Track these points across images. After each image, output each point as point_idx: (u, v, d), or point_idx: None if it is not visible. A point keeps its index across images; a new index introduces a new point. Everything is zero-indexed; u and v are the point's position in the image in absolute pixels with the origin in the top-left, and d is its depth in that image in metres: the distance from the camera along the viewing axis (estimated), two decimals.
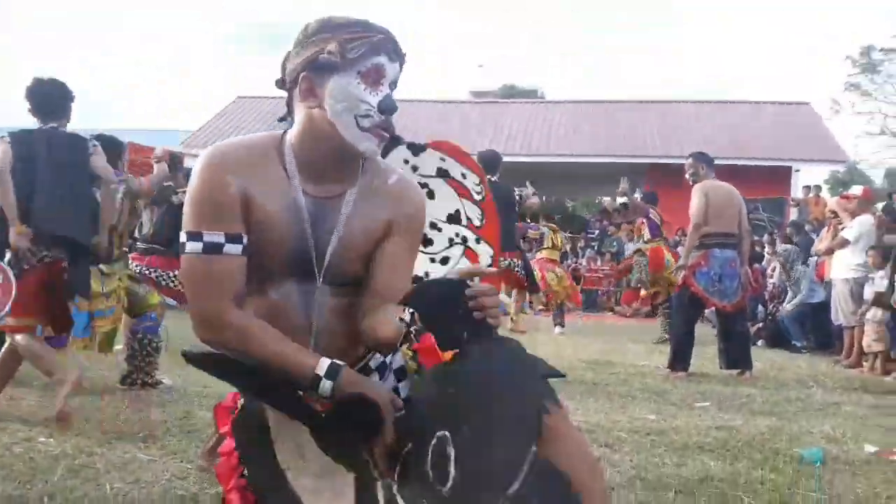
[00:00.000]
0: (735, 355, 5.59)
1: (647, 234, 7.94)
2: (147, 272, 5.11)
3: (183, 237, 1.40)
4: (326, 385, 1.33)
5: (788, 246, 8.72)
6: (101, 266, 3.99)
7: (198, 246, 1.38)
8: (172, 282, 5.23)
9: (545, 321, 9.14)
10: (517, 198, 6.77)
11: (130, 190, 4.21)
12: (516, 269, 6.18)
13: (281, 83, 1.53)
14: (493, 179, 5.66)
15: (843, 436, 3.64)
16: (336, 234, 1.46)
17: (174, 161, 5.67)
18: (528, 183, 7.55)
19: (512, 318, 7.85)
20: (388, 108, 1.43)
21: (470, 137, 16.99)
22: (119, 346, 4.56)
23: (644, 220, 7.99)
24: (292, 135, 1.48)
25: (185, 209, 1.42)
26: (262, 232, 1.42)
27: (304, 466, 1.37)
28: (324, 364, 1.34)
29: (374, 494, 1.29)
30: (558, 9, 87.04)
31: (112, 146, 4.30)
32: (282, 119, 1.57)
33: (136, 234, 5.34)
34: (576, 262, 14.71)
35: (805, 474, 2.92)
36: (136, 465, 2.72)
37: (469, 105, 20.50)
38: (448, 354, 1.25)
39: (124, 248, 4.72)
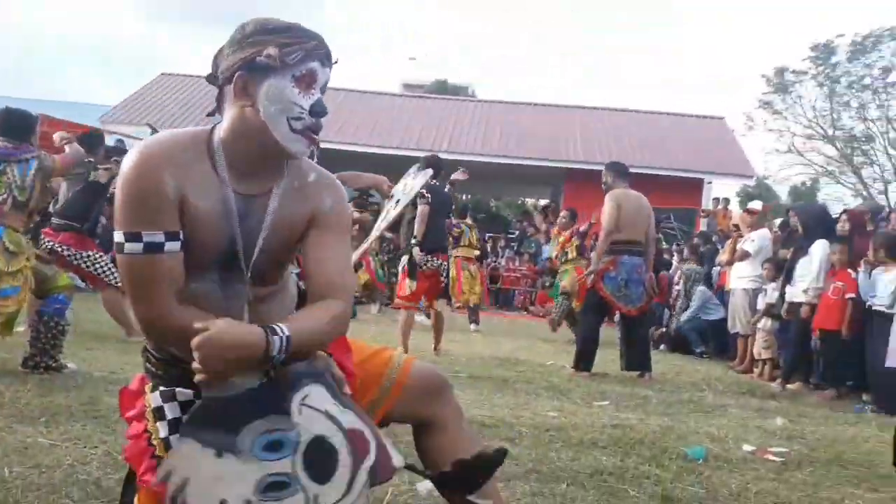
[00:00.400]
0: (636, 358, 5.90)
1: (572, 252, 8.17)
2: (59, 249, 4.98)
3: (120, 237, 1.42)
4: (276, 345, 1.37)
5: (692, 266, 9.11)
6: (7, 243, 3.87)
7: (138, 247, 1.40)
8: (85, 262, 5.12)
9: (461, 319, 9.31)
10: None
11: (43, 167, 4.08)
12: (443, 271, 6.20)
13: (212, 79, 1.56)
14: (434, 183, 5.86)
15: (726, 436, 3.92)
16: (263, 231, 1.52)
17: (94, 138, 5.53)
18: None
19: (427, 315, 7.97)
20: (319, 111, 1.50)
21: (398, 130, 17.07)
22: (21, 328, 4.43)
23: (571, 235, 8.24)
24: (222, 130, 1.52)
25: (119, 207, 1.43)
26: (193, 229, 1.46)
27: None
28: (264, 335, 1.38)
29: None
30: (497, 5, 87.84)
31: (23, 119, 4.16)
32: (210, 114, 1.60)
33: (51, 209, 5.21)
34: (495, 262, 14.98)
35: (687, 470, 3.16)
36: (37, 450, 2.68)
37: (400, 98, 20.48)
38: None
39: (32, 226, 4.59)
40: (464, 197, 27.98)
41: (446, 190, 6.59)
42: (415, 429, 1.81)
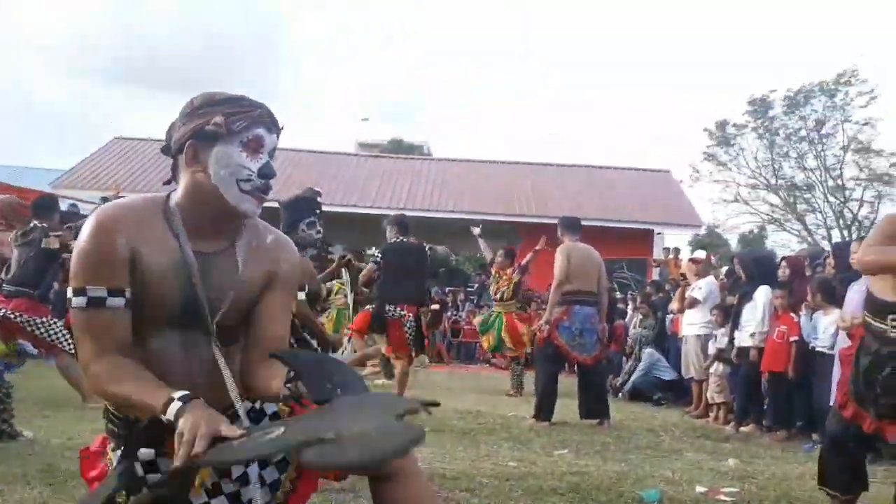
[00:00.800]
0: (593, 406, 6.03)
1: (508, 293, 8.29)
2: (11, 316, 4.94)
3: (70, 293, 1.51)
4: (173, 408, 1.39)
5: (639, 330, 9.29)
6: None
7: (82, 301, 1.49)
8: (38, 328, 5.07)
9: (425, 374, 9.34)
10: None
11: None
12: (406, 323, 6.14)
13: (167, 150, 1.67)
14: (404, 240, 6.06)
15: (681, 478, 4.04)
16: (220, 288, 1.60)
17: (47, 204, 5.53)
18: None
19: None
20: (267, 173, 1.61)
21: (356, 189, 17.26)
22: None
23: (513, 271, 8.33)
24: (177, 197, 1.62)
25: (73, 267, 1.52)
26: (148, 285, 1.54)
27: None
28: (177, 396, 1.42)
29: None
30: (449, 68, 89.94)
31: None
32: (167, 182, 1.71)
33: (3, 276, 5.17)
34: (456, 315, 15.08)
35: None
36: None
37: (356, 158, 20.76)
38: None
39: None
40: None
41: (429, 247, 6.78)
42: (372, 481, 1.87)
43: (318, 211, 4.00)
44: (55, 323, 5.18)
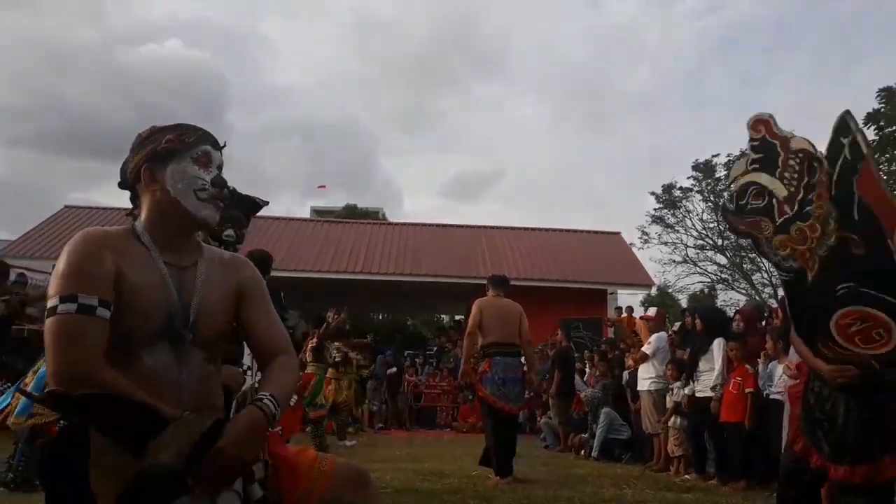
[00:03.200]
0: (499, 459, 5.92)
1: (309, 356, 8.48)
2: None
3: (55, 301, 1.53)
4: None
5: (591, 390, 9.38)
6: None
7: (72, 307, 1.52)
8: None
9: (382, 438, 9.23)
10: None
11: None
12: None
13: (124, 185, 1.79)
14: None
15: None
16: (196, 297, 1.70)
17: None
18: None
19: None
20: (219, 182, 1.76)
21: (311, 254, 17.27)
22: None
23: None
24: (142, 220, 1.73)
25: (58, 275, 1.56)
26: (134, 301, 1.60)
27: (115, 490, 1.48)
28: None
29: None
30: (395, 135, 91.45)
31: None
32: (129, 214, 1.81)
33: None
34: (416, 378, 15.00)
35: None
36: None
37: (311, 223, 20.83)
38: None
39: None
40: (380, 317, 28.09)
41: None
42: None
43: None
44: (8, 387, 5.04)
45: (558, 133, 79.52)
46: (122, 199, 1.82)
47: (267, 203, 3.36)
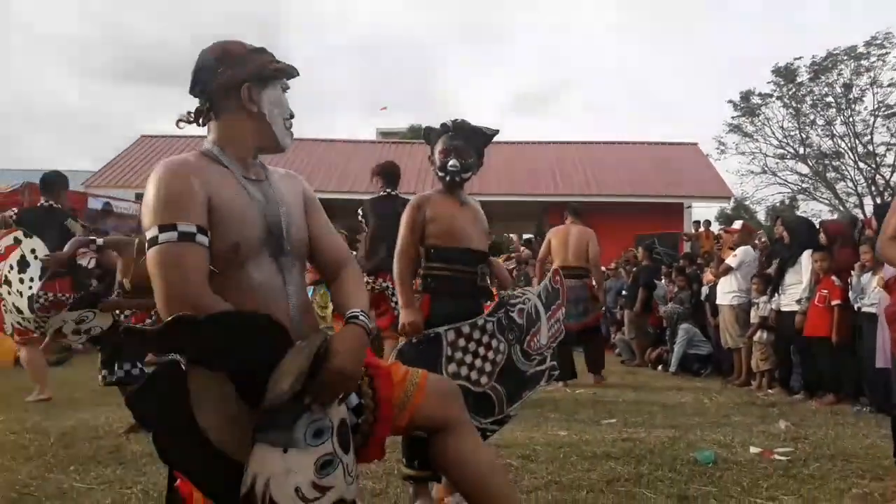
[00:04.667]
0: (592, 362, 6.93)
1: None
2: None
3: (153, 231, 1.55)
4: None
5: (671, 305, 9.16)
6: None
7: (173, 235, 1.54)
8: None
9: None
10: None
11: None
12: (390, 294, 5.67)
13: (200, 93, 1.74)
14: (392, 192, 5.43)
15: (732, 441, 4.05)
16: (283, 207, 1.76)
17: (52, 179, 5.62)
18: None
19: None
20: (293, 114, 1.83)
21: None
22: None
23: None
24: (215, 139, 1.73)
25: (153, 205, 1.57)
26: (232, 218, 1.63)
27: (227, 421, 1.50)
28: None
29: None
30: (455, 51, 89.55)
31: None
32: (185, 122, 1.78)
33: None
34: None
35: (698, 473, 3.28)
36: (74, 494, 2.77)
37: (377, 145, 20.81)
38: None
39: None
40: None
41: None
42: (431, 436, 1.94)
43: None
44: None
45: (627, 42, 76.29)
46: (194, 128, 1.79)
47: (497, 132, 3.25)
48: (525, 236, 21.61)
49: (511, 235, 8.41)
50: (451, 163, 3.01)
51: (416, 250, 2.98)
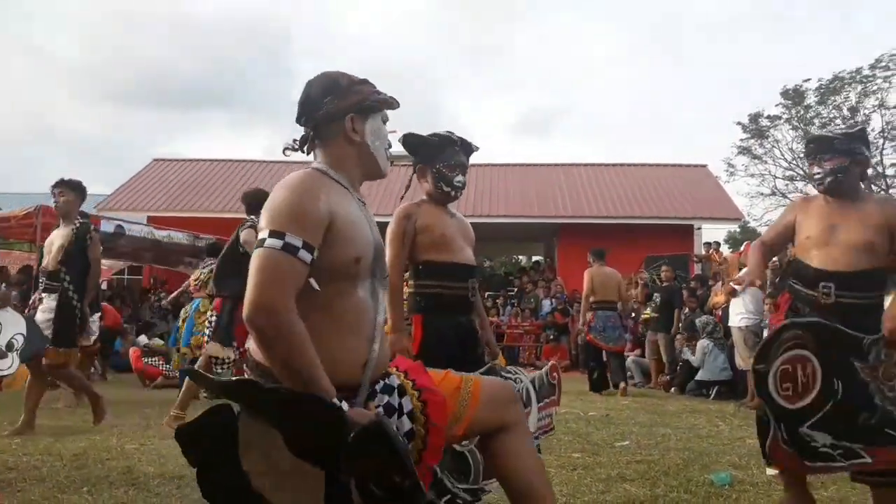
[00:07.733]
0: (615, 376, 8.41)
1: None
2: None
3: (264, 234, 1.60)
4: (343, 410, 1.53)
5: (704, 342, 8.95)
6: None
7: (278, 243, 1.58)
8: None
9: None
10: None
11: None
12: None
13: (306, 122, 1.83)
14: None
15: (748, 463, 4.00)
16: (378, 233, 1.81)
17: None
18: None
19: None
20: (390, 145, 1.93)
21: (390, 200, 17.35)
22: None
23: None
24: (327, 162, 1.80)
25: (273, 211, 1.62)
26: (350, 240, 1.67)
27: (269, 468, 1.52)
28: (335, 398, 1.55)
29: (344, 485, 1.50)
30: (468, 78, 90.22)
31: None
32: (292, 149, 1.88)
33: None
34: (498, 319, 15.06)
35: (715, 494, 3.25)
36: None
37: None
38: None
39: None
40: None
41: None
42: (483, 438, 1.97)
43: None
44: None
45: (634, 64, 76.70)
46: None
47: (478, 148, 3.26)
48: (534, 258, 21.63)
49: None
50: (458, 179, 3.03)
51: (405, 263, 2.95)
